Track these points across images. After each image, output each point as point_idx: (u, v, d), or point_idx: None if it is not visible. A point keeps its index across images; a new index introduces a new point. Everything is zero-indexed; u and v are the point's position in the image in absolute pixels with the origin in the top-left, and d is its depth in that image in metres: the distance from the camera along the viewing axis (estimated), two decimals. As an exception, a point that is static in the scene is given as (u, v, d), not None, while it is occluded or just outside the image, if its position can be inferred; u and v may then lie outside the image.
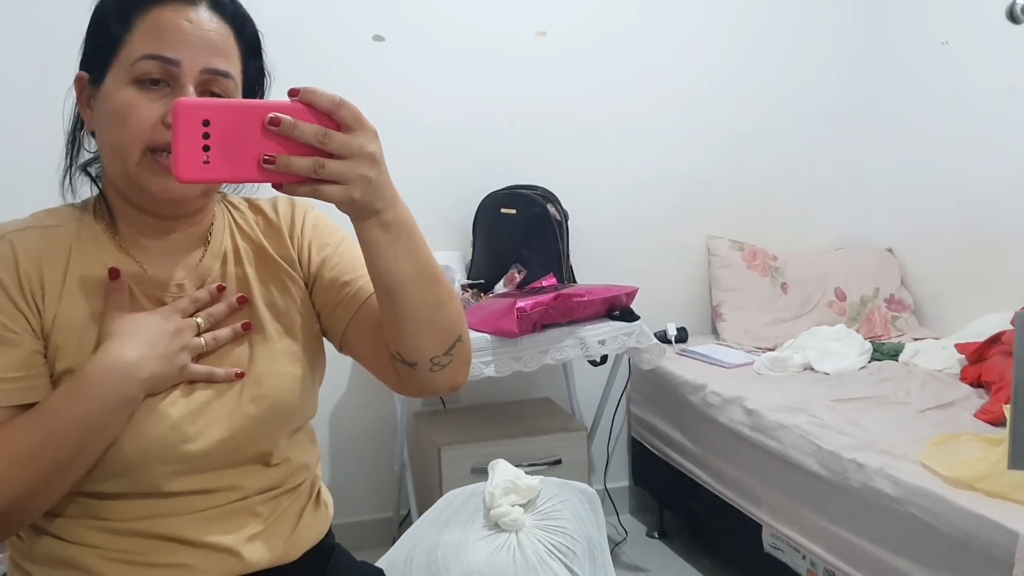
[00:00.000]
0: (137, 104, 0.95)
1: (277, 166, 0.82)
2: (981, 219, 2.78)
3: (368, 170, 0.86)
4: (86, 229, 1.03)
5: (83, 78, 1.02)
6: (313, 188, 0.85)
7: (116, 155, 0.98)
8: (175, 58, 0.95)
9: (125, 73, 0.96)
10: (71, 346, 0.98)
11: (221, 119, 0.81)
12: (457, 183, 2.74)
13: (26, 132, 2.25)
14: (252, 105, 0.83)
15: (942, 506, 1.66)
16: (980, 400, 2.21)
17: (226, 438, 1.01)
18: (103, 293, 1.00)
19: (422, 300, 0.97)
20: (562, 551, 1.31)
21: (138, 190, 0.99)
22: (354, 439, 2.75)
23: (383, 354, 1.05)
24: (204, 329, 1.04)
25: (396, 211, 0.91)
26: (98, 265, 1.01)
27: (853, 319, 2.96)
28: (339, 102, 0.84)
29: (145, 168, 0.96)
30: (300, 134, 0.82)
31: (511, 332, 2.18)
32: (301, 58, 2.39)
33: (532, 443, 2.44)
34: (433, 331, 0.99)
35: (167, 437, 0.98)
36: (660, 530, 2.84)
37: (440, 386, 1.04)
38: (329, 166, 0.84)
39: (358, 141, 0.85)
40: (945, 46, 2.86)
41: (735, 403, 2.32)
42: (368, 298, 1.08)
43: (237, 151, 0.82)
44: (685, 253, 3.04)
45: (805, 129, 3.11)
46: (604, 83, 2.87)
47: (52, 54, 1.27)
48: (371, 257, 0.93)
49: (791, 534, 2.08)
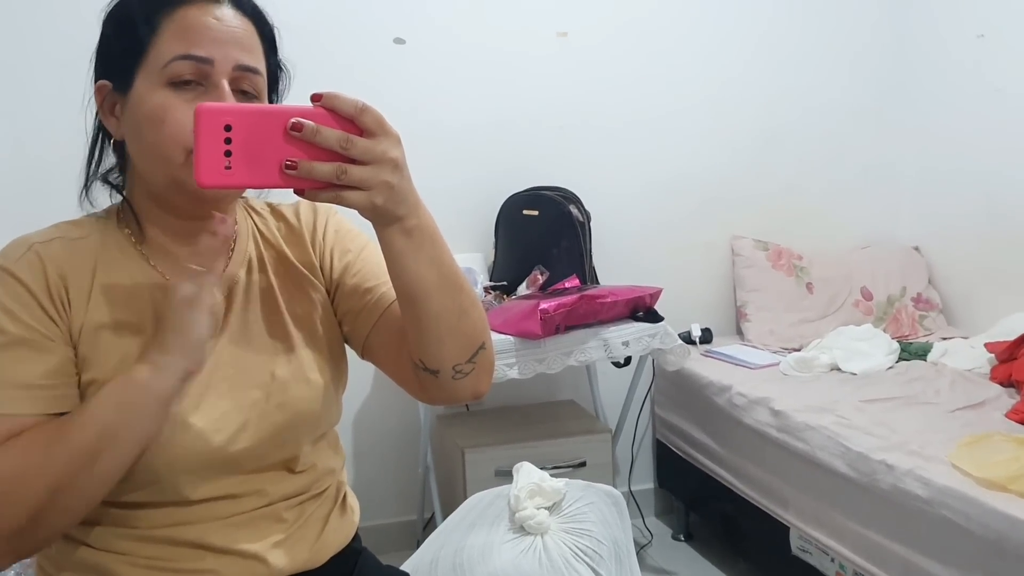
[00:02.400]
0: (174, 106, 0.95)
1: (299, 171, 0.82)
2: (1010, 215, 2.74)
3: (391, 176, 0.85)
4: (111, 239, 1.03)
5: (105, 86, 1.01)
6: (335, 194, 0.84)
7: (156, 159, 0.97)
8: (208, 57, 0.95)
9: (157, 76, 0.95)
10: (97, 357, 0.97)
11: (243, 124, 0.81)
12: (479, 185, 2.73)
13: (44, 137, 2.28)
14: (274, 110, 0.83)
15: (974, 508, 1.63)
16: (1011, 400, 2.17)
17: (252, 446, 1.01)
18: (128, 304, 1.00)
19: (445, 307, 0.96)
20: (588, 554, 1.30)
21: (179, 192, 0.98)
22: (378, 442, 2.76)
23: (405, 362, 1.04)
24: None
25: (419, 217, 0.91)
26: (124, 275, 1.01)
27: (880, 319, 2.92)
28: (362, 107, 0.83)
29: (190, 168, 0.92)
30: (323, 140, 0.82)
31: (534, 334, 2.17)
32: (322, 61, 2.39)
33: (556, 445, 2.43)
34: (456, 339, 0.99)
35: (192, 446, 0.98)
36: (686, 532, 2.82)
37: (463, 394, 1.04)
38: (351, 172, 0.83)
39: (381, 147, 0.84)
40: (981, 39, 2.80)
41: (761, 404, 2.29)
42: (390, 305, 1.07)
43: (259, 156, 0.81)
44: (709, 253, 3.01)
45: (830, 126, 3.08)
46: (626, 83, 2.86)
47: (70, 56, 1.27)
48: (393, 264, 0.93)
49: (819, 536, 2.05)
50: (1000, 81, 2.76)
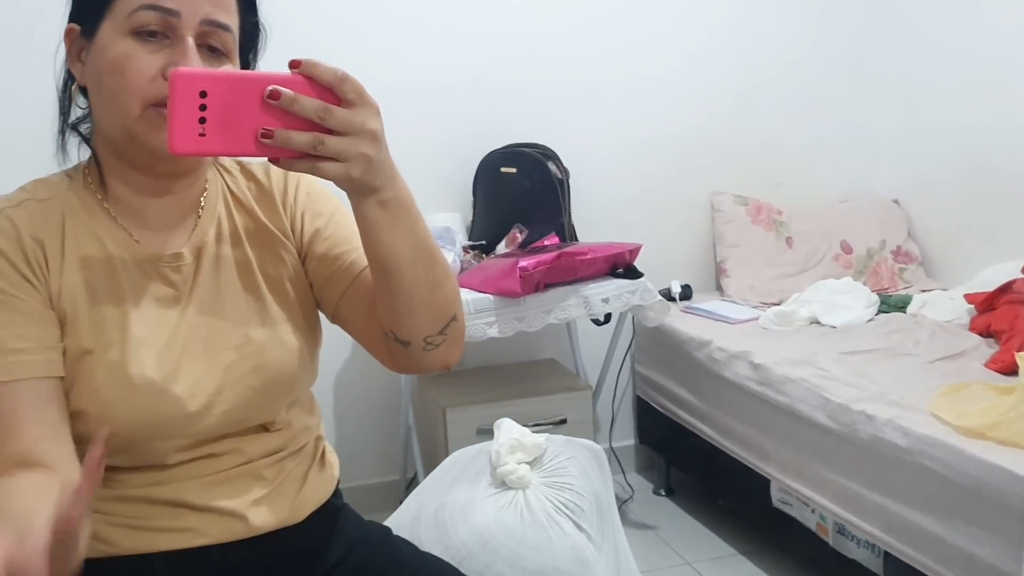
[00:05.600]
0: (135, 56, 0.91)
1: (275, 141, 0.79)
2: (988, 167, 2.74)
3: (369, 148, 0.83)
4: (76, 198, 1.00)
5: (74, 30, 0.98)
6: (311, 165, 0.81)
7: (114, 110, 0.94)
8: (175, 8, 0.91)
9: (121, 24, 0.92)
10: (83, 324, 0.96)
11: (219, 91, 0.78)
12: (456, 143, 2.69)
13: (16, 94, 2.23)
14: (251, 77, 0.80)
15: (954, 455, 1.64)
16: (990, 350, 2.19)
17: (229, 409, 1.00)
18: (98, 267, 0.98)
19: (418, 280, 0.94)
20: (570, 507, 1.29)
21: (137, 146, 0.95)
22: (359, 403, 2.74)
23: (375, 330, 1.03)
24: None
25: (395, 189, 0.88)
26: (92, 239, 0.98)
27: (860, 272, 2.93)
28: (342, 76, 0.81)
29: (147, 123, 0.92)
30: (300, 109, 0.79)
31: (514, 292, 2.16)
32: (293, 18, 2.34)
33: (537, 403, 2.43)
34: (428, 311, 0.97)
35: (169, 413, 0.96)
36: (667, 488, 2.83)
37: (433, 365, 1.03)
38: (329, 143, 0.80)
39: (360, 118, 0.82)
40: None
41: (741, 358, 2.29)
42: (361, 272, 1.05)
43: (234, 124, 0.79)
44: (689, 209, 3.00)
45: (808, 81, 3.06)
46: (603, 36, 2.81)
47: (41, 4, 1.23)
48: (368, 235, 0.91)
49: (800, 488, 2.06)
50: (971, 33, 2.74)
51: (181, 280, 1.02)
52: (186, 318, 1.00)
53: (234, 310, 1.03)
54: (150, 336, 0.98)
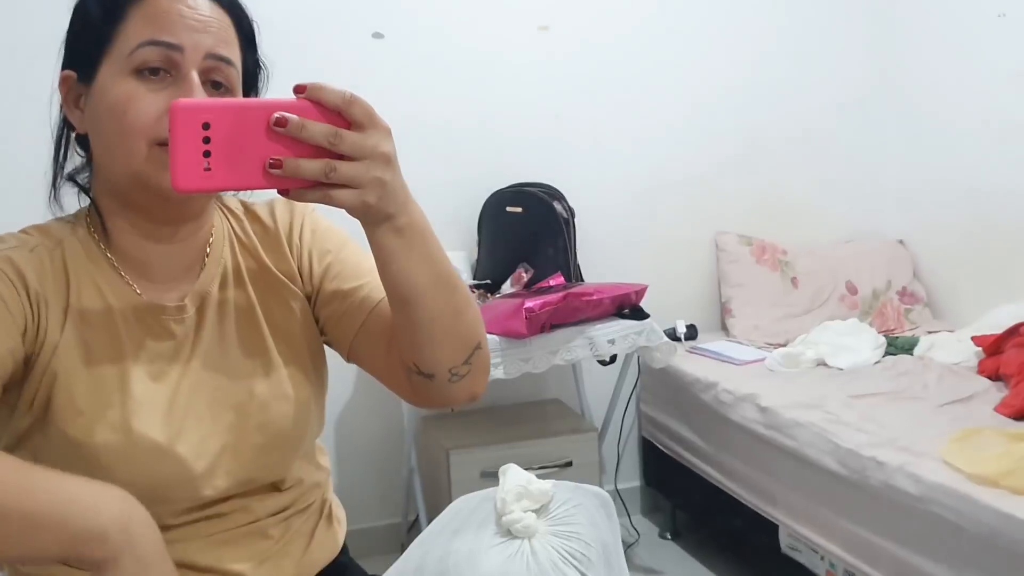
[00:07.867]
0: (138, 96, 0.88)
1: (284, 171, 0.76)
2: (994, 207, 2.74)
3: (383, 172, 0.80)
4: (80, 246, 0.96)
5: (70, 77, 0.95)
6: (324, 194, 0.79)
7: (118, 152, 0.90)
8: (177, 43, 0.89)
9: (122, 64, 0.89)
10: (79, 384, 0.91)
11: (223, 121, 0.75)
12: (461, 182, 2.69)
13: (10, 138, 2.22)
14: (255, 105, 0.77)
15: (966, 504, 1.61)
16: (999, 393, 2.16)
17: (234, 470, 0.97)
18: (100, 325, 0.94)
19: (439, 308, 0.91)
20: (577, 557, 1.26)
21: (143, 189, 0.91)
22: (361, 445, 2.71)
23: (395, 365, 0.99)
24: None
25: (410, 214, 0.85)
26: (94, 290, 0.95)
27: (866, 313, 2.91)
28: (350, 98, 0.78)
29: (154, 163, 0.88)
30: (309, 135, 0.76)
31: (520, 333, 2.14)
32: (298, 57, 2.33)
33: (542, 445, 2.40)
34: (452, 340, 0.94)
35: (174, 477, 0.93)
36: (673, 531, 2.80)
37: (459, 397, 0.99)
38: (341, 169, 0.77)
39: (371, 141, 0.79)
40: (1001, 17, 2.68)
41: (748, 400, 2.27)
42: (376, 306, 1.02)
43: (240, 156, 0.76)
44: (693, 249, 2.99)
45: (813, 120, 3.07)
46: (609, 77, 2.83)
47: (35, 52, 1.22)
48: (384, 265, 0.88)
49: (809, 534, 2.03)
50: (972, 74, 2.74)
51: (183, 332, 0.98)
52: (188, 374, 0.97)
53: (237, 364, 1.00)
54: (151, 395, 0.94)
